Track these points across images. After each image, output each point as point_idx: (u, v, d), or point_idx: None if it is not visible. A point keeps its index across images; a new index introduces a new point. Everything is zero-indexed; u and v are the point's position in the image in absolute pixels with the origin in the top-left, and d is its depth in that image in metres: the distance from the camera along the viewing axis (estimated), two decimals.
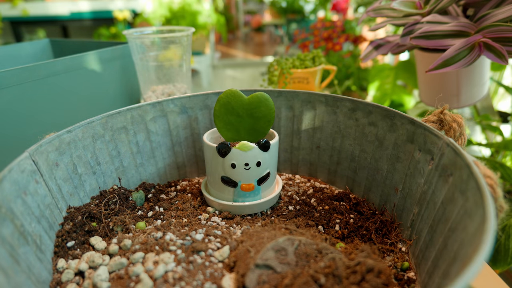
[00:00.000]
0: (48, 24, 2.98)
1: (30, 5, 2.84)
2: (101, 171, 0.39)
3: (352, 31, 1.09)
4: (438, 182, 0.30)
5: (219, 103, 0.39)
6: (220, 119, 0.40)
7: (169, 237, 0.31)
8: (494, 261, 0.49)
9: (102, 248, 0.32)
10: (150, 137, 0.43)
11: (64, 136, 0.35)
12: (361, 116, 0.41)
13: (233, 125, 0.40)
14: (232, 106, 0.39)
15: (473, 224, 0.22)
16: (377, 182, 0.40)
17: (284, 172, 0.50)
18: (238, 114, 0.40)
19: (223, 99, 0.39)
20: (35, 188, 0.30)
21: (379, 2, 0.58)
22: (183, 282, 0.26)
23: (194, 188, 0.45)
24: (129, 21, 2.57)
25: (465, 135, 0.33)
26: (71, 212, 0.34)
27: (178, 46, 0.66)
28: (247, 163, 0.37)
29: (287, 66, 0.71)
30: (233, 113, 0.39)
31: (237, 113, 0.39)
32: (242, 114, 0.40)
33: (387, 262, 0.32)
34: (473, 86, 0.55)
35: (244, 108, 0.39)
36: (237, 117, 0.40)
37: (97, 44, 0.72)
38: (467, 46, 0.44)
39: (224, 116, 0.39)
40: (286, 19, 2.16)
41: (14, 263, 0.24)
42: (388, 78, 0.91)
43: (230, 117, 0.40)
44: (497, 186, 0.24)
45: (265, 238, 0.29)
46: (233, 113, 0.39)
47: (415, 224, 0.33)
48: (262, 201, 0.39)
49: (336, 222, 0.37)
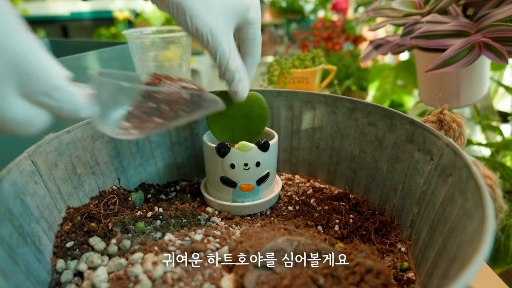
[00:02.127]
0: (48, 24, 2.97)
1: (30, 5, 2.84)
2: (100, 171, 0.39)
3: (352, 31, 1.09)
4: (437, 182, 0.30)
5: None
6: (213, 122, 0.39)
7: (168, 238, 0.31)
8: (494, 261, 0.49)
9: (101, 248, 0.32)
10: (150, 137, 0.43)
11: (63, 136, 0.35)
12: (361, 116, 0.41)
13: (227, 126, 0.40)
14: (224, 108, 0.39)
15: (473, 224, 0.22)
16: (377, 182, 0.40)
17: (283, 172, 0.50)
18: (231, 116, 0.39)
19: None
20: (34, 188, 0.30)
21: (379, 2, 0.58)
22: (182, 283, 0.26)
23: (194, 188, 0.45)
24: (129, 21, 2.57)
25: (464, 135, 0.33)
26: (70, 212, 0.34)
27: (178, 46, 0.66)
28: (246, 164, 0.37)
29: (287, 66, 0.71)
30: (225, 115, 0.39)
31: (229, 115, 0.39)
32: (234, 115, 0.39)
33: (386, 262, 0.32)
34: (473, 86, 0.55)
35: (236, 109, 0.39)
36: (230, 118, 0.39)
37: (97, 44, 0.72)
38: (467, 46, 0.44)
39: (216, 118, 0.39)
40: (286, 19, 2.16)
41: (12, 263, 0.24)
42: (388, 78, 0.91)
43: (223, 119, 0.39)
44: (496, 186, 0.24)
45: (264, 239, 0.29)
46: (225, 115, 0.39)
47: (414, 225, 0.33)
48: (262, 202, 0.39)
49: (335, 222, 0.37)
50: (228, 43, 0.34)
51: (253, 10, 0.35)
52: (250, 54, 0.37)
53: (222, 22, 0.33)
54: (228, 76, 0.35)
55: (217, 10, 0.32)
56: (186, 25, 0.32)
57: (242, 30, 0.36)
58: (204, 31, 0.32)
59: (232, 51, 0.35)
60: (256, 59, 0.38)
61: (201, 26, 0.32)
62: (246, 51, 0.37)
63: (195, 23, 0.32)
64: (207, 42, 0.33)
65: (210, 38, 0.32)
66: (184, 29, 0.33)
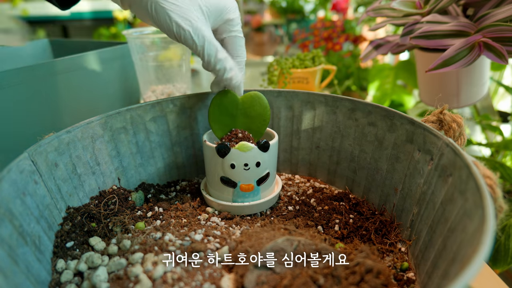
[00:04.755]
0: (48, 24, 2.97)
1: (30, 5, 2.84)
2: (101, 171, 0.39)
3: (352, 31, 1.08)
4: (437, 182, 0.30)
5: (212, 104, 0.39)
6: (214, 121, 0.39)
7: (168, 238, 0.31)
8: (494, 261, 0.49)
9: (101, 248, 0.32)
10: (150, 137, 0.43)
11: (63, 136, 0.35)
12: (361, 116, 0.41)
13: (228, 126, 0.40)
14: (225, 106, 0.39)
15: (473, 224, 0.22)
16: (377, 182, 0.40)
17: (283, 172, 0.50)
18: (232, 114, 0.39)
19: (216, 100, 0.39)
20: (34, 188, 0.30)
21: (379, 2, 0.58)
22: (182, 283, 0.26)
23: (194, 188, 0.45)
24: (129, 21, 2.57)
25: (464, 135, 0.33)
26: (70, 212, 0.34)
27: (178, 46, 0.66)
28: (246, 164, 0.37)
29: (287, 66, 0.71)
30: (227, 114, 0.39)
31: (230, 114, 0.39)
32: (236, 114, 0.39)
33: (386, 262, 0.32)
34: (473, 86, 0.55)
35: (238, 108, 0.39)
36: (231, 117, 0.39)
37: (97, 44, 0.72)
38: (467, 46, 0.44)
39: (218, 117, 0.39)
40: (286, 19, 2.16)
41: (12, 263, 0.24)
42: (388, 78, 0.91)
43: (224, 118, 0.39)
44: (496, 186, 0.24)
45: (264, 239, 0.29)
46: (227, 114, 0.39)
47: (414, 225, 0.33)
48: (262, 202, 0.39)
49: (335, 222, 0.37)
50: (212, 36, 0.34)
51: (232, 11, 0.36)
52: (236, 55, 0.38)
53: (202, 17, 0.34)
54: (220, 66, 0.35)
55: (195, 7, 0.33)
56: (166, 23, 0.32)
57: (224, 32, 0.37)
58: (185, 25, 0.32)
59: (218, 44, 0.35)
60: (243, 58, 0.39)
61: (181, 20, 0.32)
62: (231, 52, 0.38)
63: (174, 19, 0.32)
64: (190, 36, 0.33)
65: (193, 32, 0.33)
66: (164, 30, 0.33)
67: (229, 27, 0.37)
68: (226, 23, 0.36)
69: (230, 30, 0.37)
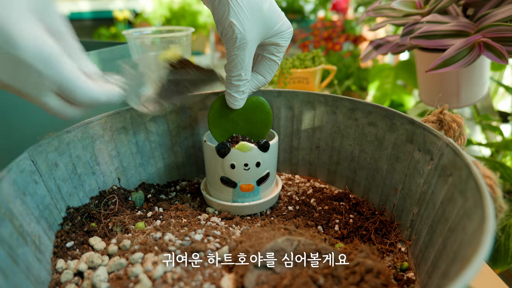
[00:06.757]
0: None
1: None
2: (101, 171, 0.39)
3: (352, 31, 1.09)
4: (437, 182, 0.30)
5: (213, 109, 0.38)
6: (215, 126, 0.39)
7: (168, 238, 0.31)
8: (494, 261, 0.49)
9: (101, 248, 0.32)
10: (150, 137, 0.43)
11: (63, 136, 0.35)
12: (361, 116, 0.41)
13: (229, 131, 0.39)
14: (226, 112, 0.38)
15: (473, 224, 0.22)
16: (377, 182, 0.40)
17: (283, 172, 0.50)
18: (233, 120, 0.39)
19: (216, 105, 0.38)
20: (34, 188, 0.30)
21: (379, 2, 0.58)
22: (182, 283, 0.26)
23: (194, 188, 0.45)
24: (129, 21, 2.57)
25: (464, 135, 0.33)
26: (70, 212, 0.34)
27: (178, 46, 0.66)
28: (246, 164, 0.37)
29: (287, 66, 0.71)
30: (228, 119, 0.38)
31: (232, 119, 0.39)
32: (237, 119, 0.39)
33: (386, 262, 0.32)
34: (473, 86, 0.55)
35: (239, 114, 0.39)
36: (232, 123, 0.39)
37: (97, 44, 0.72)
38: (467, 46, 0.44)
39: (218, 122, 0.39)
40: None
41: (12, 263, 0.24)
42: (388, 78, 0.91)
43: (225, 123, 0.39)
44: (496, 186, 0.24)
45: (264, 239, 0.29)
46: (228, 119, 0.38)
47: (414, 224, 0.33)
48: (262, 202, 0.39)
49: (335, 222, 0.37)
50: (251, 52, 0.34)
51: (286, 38, 0.36)
52: (263, 74, 0.38)
53: (256, 28, 0.33)
54: (234, 81, 0.35)
55: (254, 16, 0.33)
56: (222, 16, 0.32)
57: (266, 51, 0.37)
58: (236, 27, 0.32)
59: (249, 64, 0.35)
60: (267, 80, 0.38)
61: (237, 23, 0.32)
62: (260, 71, 0.38)
63: (231, 18, 0.32)
64: (234, 40, 0.32)
65: (239, 38, 0.32)
66: (216, 19, 0.33)
67: (275, 50, 0.36)
68: (273, 45, 0.36)
69: (273, 53, 0.37)
